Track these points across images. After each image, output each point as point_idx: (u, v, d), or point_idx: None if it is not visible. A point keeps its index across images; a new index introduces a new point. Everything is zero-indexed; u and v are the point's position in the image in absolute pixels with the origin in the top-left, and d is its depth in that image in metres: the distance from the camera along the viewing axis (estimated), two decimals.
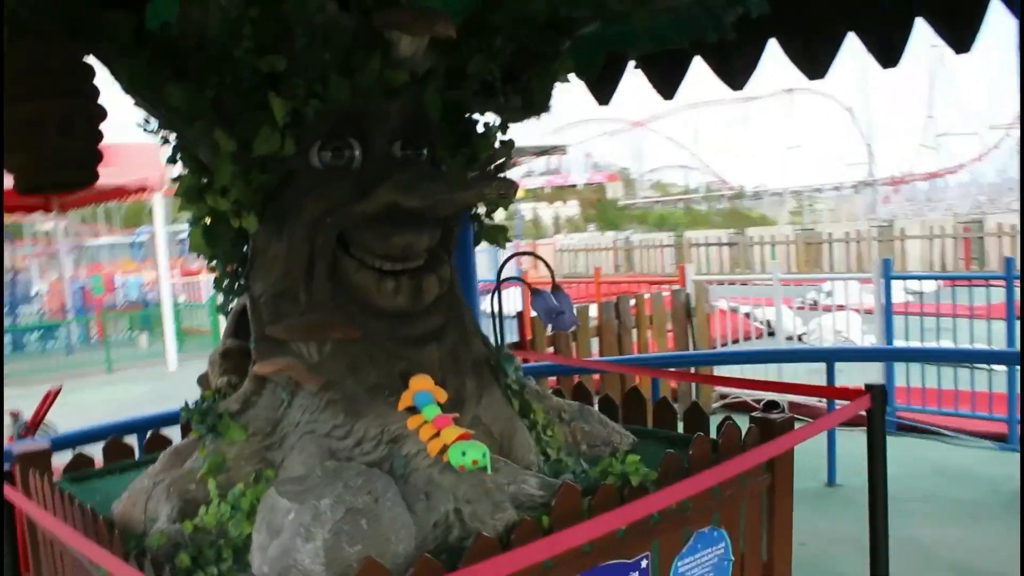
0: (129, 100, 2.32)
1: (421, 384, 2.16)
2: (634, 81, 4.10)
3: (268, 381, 2.31)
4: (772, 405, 2.51)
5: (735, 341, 9.73)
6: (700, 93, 4.13)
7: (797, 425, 2.52)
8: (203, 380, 2.49)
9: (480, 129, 2.73)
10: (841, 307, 10.57)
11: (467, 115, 2.72)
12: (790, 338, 11.19)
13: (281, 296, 2.28)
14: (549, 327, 2.84)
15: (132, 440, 3.26)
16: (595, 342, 7.02)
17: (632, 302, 7.26)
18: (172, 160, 2.37)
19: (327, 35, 2.21)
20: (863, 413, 2.69)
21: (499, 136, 2.73)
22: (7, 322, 19.11)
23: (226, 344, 2.48)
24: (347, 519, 1.71)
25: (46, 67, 1.98)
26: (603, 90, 4.26)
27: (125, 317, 18.44)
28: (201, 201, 2.28)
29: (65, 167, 2.07)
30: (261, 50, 2.15)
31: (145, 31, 2.18)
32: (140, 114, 2.32)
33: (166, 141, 2.34)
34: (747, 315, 12.30)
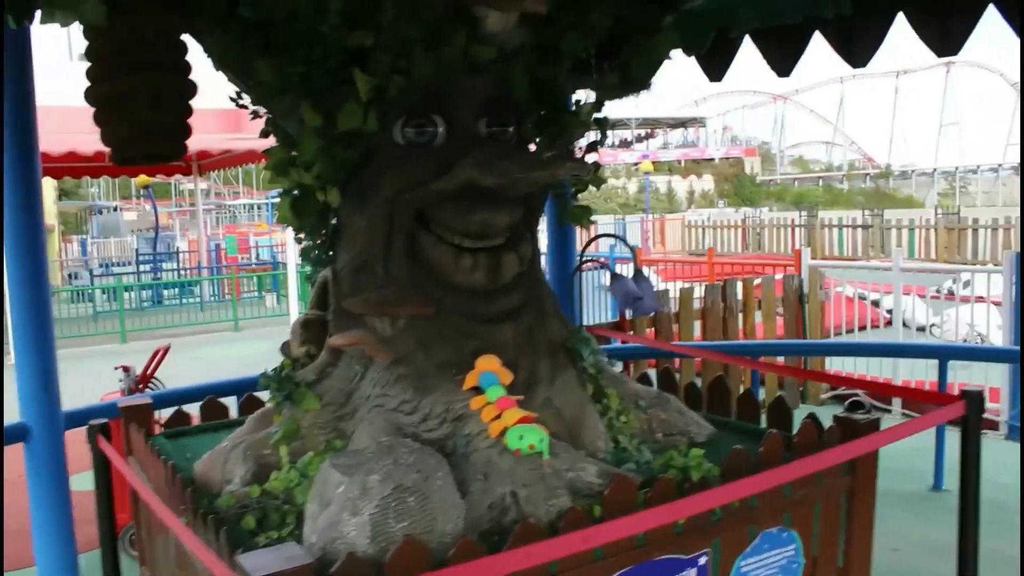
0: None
1: (487, 364, 2.17)
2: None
3: (344, 353, 2.37)
4: (857, 405, 2.39)
5: (855, 330, 9.27)
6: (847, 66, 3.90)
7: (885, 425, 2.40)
8: (285, 348, 2.56)
9: (573, 107, 2.68)
10: (978, 298, 9.90)
11: (559, 92, 2.67)
12: (921, 329, 10.61)
13: (360, 270, 2.33)
14: (628, 312, 2.78)
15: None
16: (699, 325, 6.83)
17: (740, 285, 7.02)
18: (264, 134, 2.44)
19: (414, 10, 2.21)
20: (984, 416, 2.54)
21: (593, 114, 2.68)
22: (150, 277, 20.29)
23: (308, 314, 2.54)
24: (395, 495, 1.73)
25: (141, 42, 2.06)
26: (715, 66, 4.12)
27: (255, 277, 19.24)
28: (289, 174, 2.34)
29: (155, 140, 2.16)
30: (348, 25, 2.18)
31: (236, 7, 2.23)
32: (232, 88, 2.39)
33: (256, 115, 2.41)
34: (874, 303, 11.73)
